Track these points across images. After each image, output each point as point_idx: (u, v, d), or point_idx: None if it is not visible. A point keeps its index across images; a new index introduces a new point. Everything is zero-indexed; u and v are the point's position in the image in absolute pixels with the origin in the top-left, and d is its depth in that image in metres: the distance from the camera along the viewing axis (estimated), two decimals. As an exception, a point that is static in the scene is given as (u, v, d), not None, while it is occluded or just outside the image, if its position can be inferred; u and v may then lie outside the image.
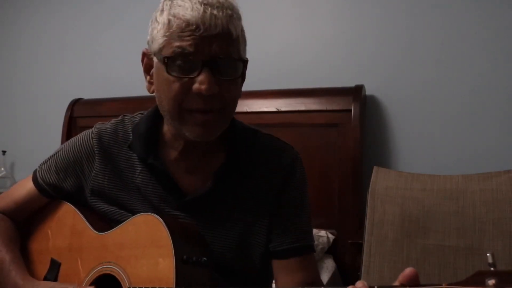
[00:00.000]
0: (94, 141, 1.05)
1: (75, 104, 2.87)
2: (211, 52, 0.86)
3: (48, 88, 3.16)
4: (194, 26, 0.85)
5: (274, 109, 2.35)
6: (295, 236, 1.01)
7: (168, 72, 0.88)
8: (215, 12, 0.86)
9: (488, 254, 0.63)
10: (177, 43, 0.86)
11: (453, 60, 2.22)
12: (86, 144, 1.06)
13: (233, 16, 0.88)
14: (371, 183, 1.77)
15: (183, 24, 0.86)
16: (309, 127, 2.29)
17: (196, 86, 0.87)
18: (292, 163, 1.03)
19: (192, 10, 0.86)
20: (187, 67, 0.87)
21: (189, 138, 0.94)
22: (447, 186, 1.68)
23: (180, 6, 0.87)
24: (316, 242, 1.88)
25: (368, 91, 2.32)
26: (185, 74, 0.88)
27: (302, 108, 2.30)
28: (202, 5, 0.86)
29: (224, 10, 0.87)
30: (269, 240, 1.01)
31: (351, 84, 2.28)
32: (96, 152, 1.05)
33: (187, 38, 0.86)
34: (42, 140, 3.05)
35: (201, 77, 0.86)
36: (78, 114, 2.84)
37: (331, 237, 2.17)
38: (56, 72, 3.14)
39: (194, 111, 0.90)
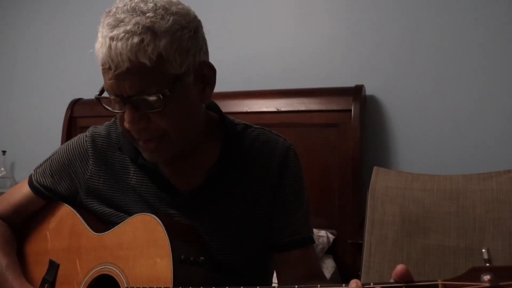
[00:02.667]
0: (88, 144, 1.06)
1: (75, 104, 2.86)
2: (126, 91, 0.84)
3: (48, 88, 3.15)
4: (107, 66, 0.83)
5: (274, 109, 2.34)
6: (294, 228, 1.01)
7: (105, 108, 0.90)
8: (119, 45, 0.80)
9: (483, 250, 0.63)
10: (104, 80, 0.87)
11: (453, 60, 2.22)
12: (80, 147, 1.07)
13: (144, 41, 0.80)
14: (371, 183, 1.77)
15: (101, 62, 0.85)
16: (309, 127, 2.29)
17: (125, 122, 0.88)
18: (286, 155, 1.03)
19: (101, 46, 0.83)
20: (116, 103, 0.88)
21: None
22: (447, 186, 1.68)
23: (98, 37, 0.85)
24: (316, 242, 1.87)
25: (368, 91, 2.32)
26: (118, 109, 0.89)
27: (302, 108, 2.30)
28: (108, 39, 0.81)
29: (130, 39, 0.80)
30: (268, 234, 1.01)
31: (351, 84, 2.28)
32: (90, 155, 1.05)
33: (107, 76, 0.85)
34: (42, 140, 3.04)
35: (125, 115, 0.87)
36: (78, 114, 2.83)
37: (331, 237, 2.17)
38: (56, 72, 3.13)
39: None
